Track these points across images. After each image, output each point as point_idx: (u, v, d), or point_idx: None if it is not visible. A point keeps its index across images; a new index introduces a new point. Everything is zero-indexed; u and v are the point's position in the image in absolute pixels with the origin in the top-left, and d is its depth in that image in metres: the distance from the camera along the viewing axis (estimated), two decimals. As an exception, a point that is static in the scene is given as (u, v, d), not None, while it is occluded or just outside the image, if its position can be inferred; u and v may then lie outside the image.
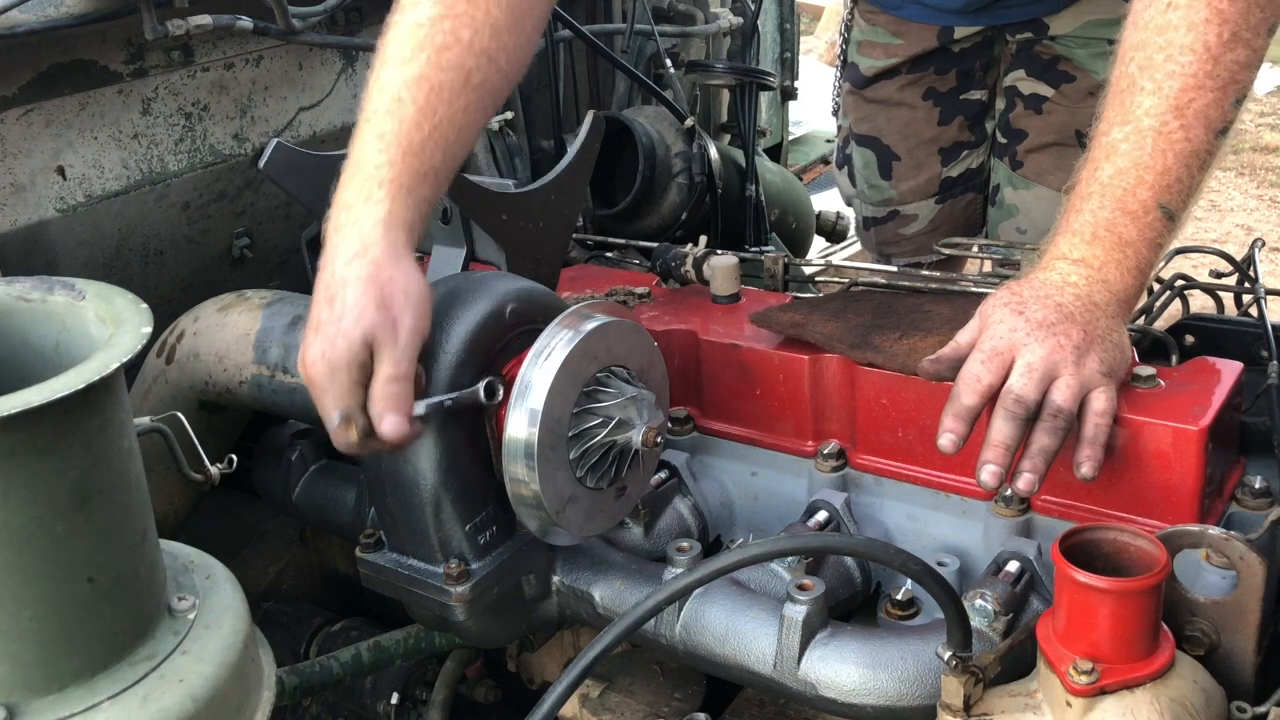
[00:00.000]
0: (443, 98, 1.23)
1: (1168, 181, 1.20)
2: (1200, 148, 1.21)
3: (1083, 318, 1.19)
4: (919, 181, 2.26)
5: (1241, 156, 6.24)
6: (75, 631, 0.93)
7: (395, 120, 1.21)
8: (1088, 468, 1.16)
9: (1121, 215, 1.21)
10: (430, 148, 1.21)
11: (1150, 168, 1.20)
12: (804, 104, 3.60)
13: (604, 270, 1.88)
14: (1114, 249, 1.21)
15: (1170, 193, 1.21)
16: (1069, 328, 1.18)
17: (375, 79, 1.25)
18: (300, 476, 1.61)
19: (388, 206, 1.18)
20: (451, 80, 1.24)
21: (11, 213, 1.58)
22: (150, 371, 1.56)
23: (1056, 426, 1.17)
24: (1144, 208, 1.21)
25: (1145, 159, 1.21)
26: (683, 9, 2.60)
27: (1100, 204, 1.22)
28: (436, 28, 1.25)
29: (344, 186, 1.21)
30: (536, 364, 1.19)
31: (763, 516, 1.51)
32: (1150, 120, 1.20)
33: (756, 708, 1.38)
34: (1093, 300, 1.21)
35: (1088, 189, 1.23)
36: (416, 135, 1.21)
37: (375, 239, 1.16)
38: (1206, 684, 1.06)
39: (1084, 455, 1.17)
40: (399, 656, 1.48)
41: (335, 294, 1.15)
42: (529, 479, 1.19)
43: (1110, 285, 1.22)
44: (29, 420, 0.84)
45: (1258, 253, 1.65)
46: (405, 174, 1.19)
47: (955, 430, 1.18)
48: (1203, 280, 1.63)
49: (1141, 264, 1.22)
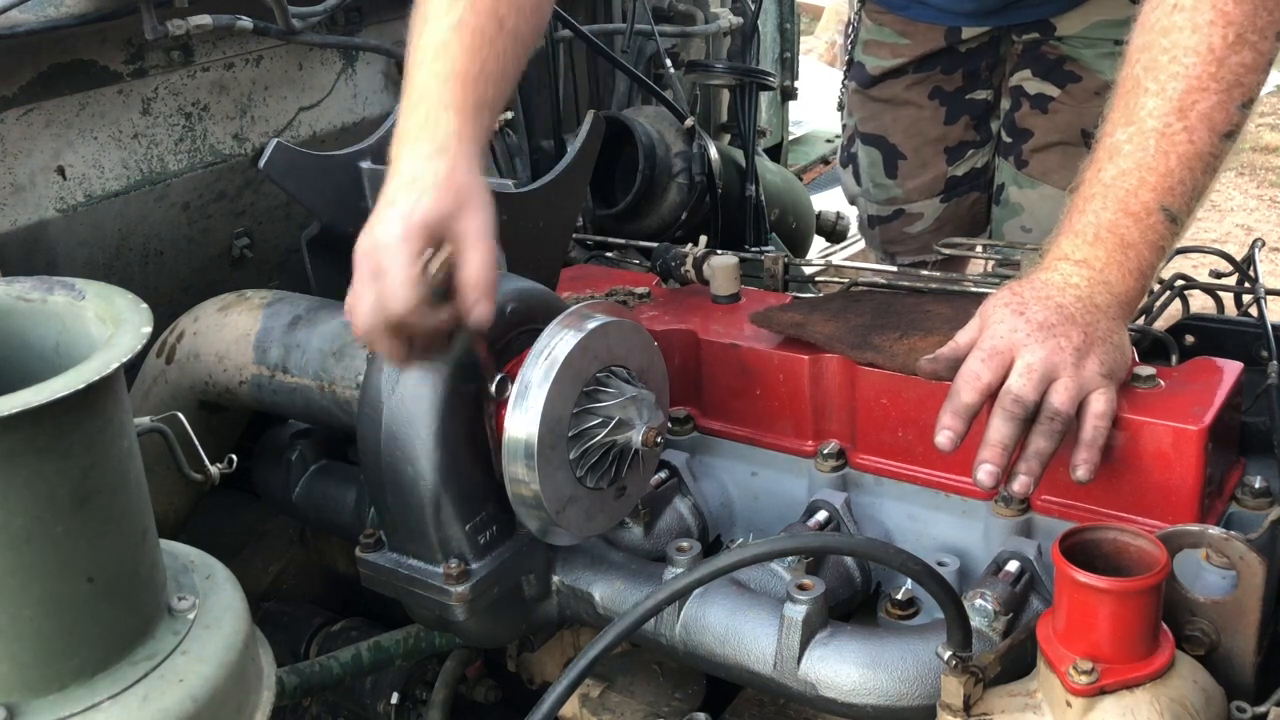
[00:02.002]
0: (485, 38, 1.28)
1: (1170, 184, 1.20)
2: (1204, 150, 1.21)
3: (1083, 319, 1.19)
4: (924, 180, 2.27)
5: (1241, 156, 6.24)
6: (75, 631, 0.93)
7: (448, 58, 1.26)
8: (1084, 470, 1.17)
9: (1124, 217, 1.21)
10: (483, 81, 1.27)
11: (1153, 169, 1.20)
12: (804, 104, 3.60)
13: (604, 270, 1.88)
14: (1116, 250, 1.21)
15: (1173, 195, 1.21)
16: (1069, 329, 1.18)
17: (420, 32, 1.30)
18: (300, 476, 1.61)
19: (458, 123, 1.22)
20: (488, 25, 1.29)
21: (11, 213, 1.58)
22: (150, 371, 1.56)
23: (1053, 430, 1.17)
24: (1146, 209, 1.21)
25: (1148, 160, 1.20)
26: (683, 9, 2.60)
27: (1103, 205, 1.22)
28: None
29: (406, 116, 1.25)
30: (536, 364, 1.19)
31: (763, 516, 1.51)
32: (1154, 122, 1.20)
33: (756, 708, 1.37)
34: (1094, 302, 1.21)
35: (1090, 190, 1.23)
36: (471, 69, 1.26)
37: (450, 145, 1.20)
38: (1206, 684, 1.06)
39: (1081, 458, 1.17)
40: (399, 656, 1.48)
41: (416, 177, 1.18)
42: (529, 479, 1.19)
43: (1112, 287, 1.22)
44: (29, 420, 0.84)
45: (1258, 253, 1.65)
46: (469, 101, 1.25)
47: (953, 428, 1.18)
48: (1203, 280, 1.63)
49: (1143, 266, 1.22)
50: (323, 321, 1.47)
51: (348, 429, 1.40)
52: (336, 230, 1.53)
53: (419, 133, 1.22)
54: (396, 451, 1.24)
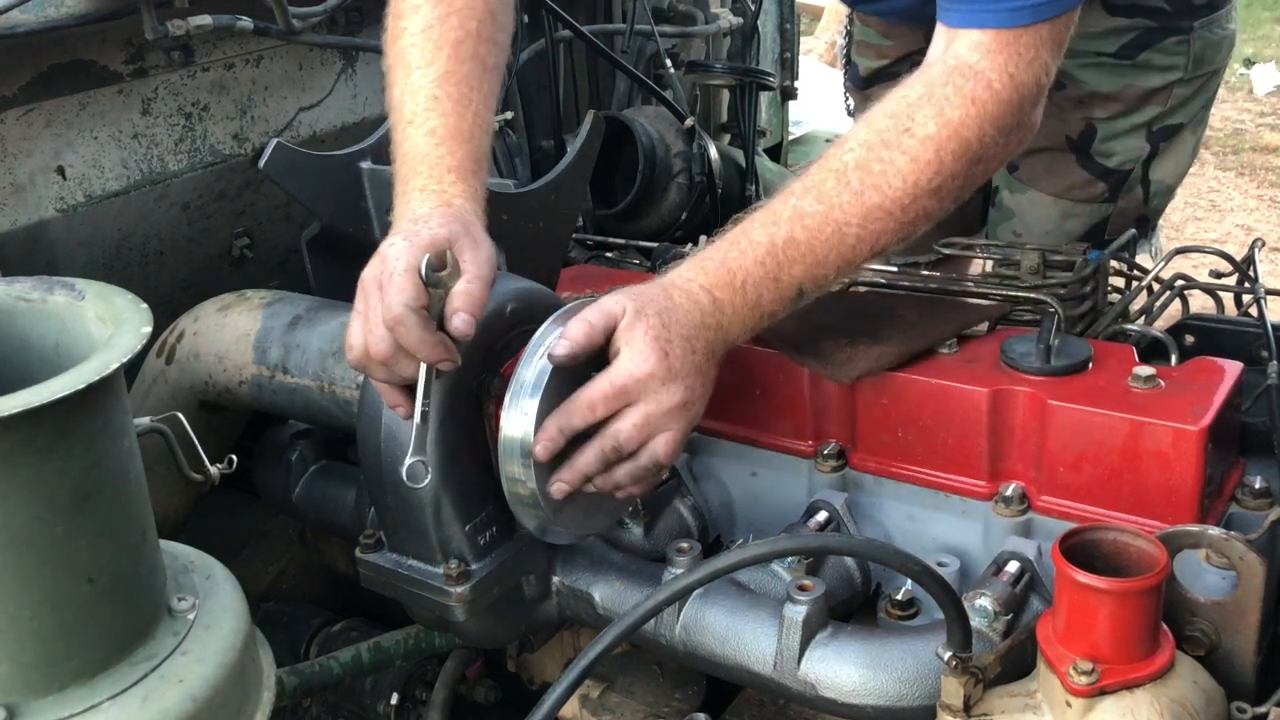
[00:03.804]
0: (472, 85, 1.31)
1: (823, 273, 1.26)
2: (858, 260, 1.27)
3: (706, 369, 1.21)
4: None
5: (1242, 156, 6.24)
6: (75, 632, 0.93)
7: (439, 115, 1.28)
8: (557, 487, 1.18)
9: (771, 281, 1.24)
10: (477, 134, 1.29)
11: (816, 255, 1.25)
12: (804, 104, 3.60)
13: (604, 270, 1.88)
14: (751, 308, 1.24)
15: (815, 283, 1.26)
16: (694, 381, 1.19)
17: (404, 85, 1.31)
18: (300, 476, 1.61)
19: (461, 185, 1.25)
20: (474, 70, 1.32)
21: (11, 213, 1.58)
22: (150, 371, 1.56)
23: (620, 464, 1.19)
24: (791, 283, 1.25)
25: (819, 245, 1.25)
26: (683, 9, 2.60)
27: (762, 260, 1.24)
28: (446, 25, 1.33)
29: (407, 179, 1.26)
30: (531, 363, 1.19)
31: (763, 517, 1.51)
32: (839, 215, 1.25)
33: (756, 708, 1.37)
34: (714, 350, 1.23)
35: (759, 236, 1.25)
36: (463, 125, 1.28)
37: (461, 205, 1.23)
38: (1206, 684, 1.06)
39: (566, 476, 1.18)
40: (399, 657, 1.48)
41: (420, 216, 1.20)
42: (525, 478, 1.19)
43: (726, 338, 1.24)
44: (29, 420, 0.84)
45: (1258, 253, 1.65)
46: (467, 160, 1.27)
47: (555, 442, 1.16)
48: (1203, 280, 1.63)
49: (751, 330, 1.26)
50: (323, 321, 1.47)
51: (348, 429, 1.40)
52: (336, 230, 1.53)
53: (423, 196, 1.23)
54: (396, 452, 1.24)
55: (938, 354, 1.41)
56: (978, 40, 1.30)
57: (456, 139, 1.27)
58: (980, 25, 1.30)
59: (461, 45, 1.32)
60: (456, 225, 1.18)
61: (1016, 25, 1.30)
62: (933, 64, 1.34)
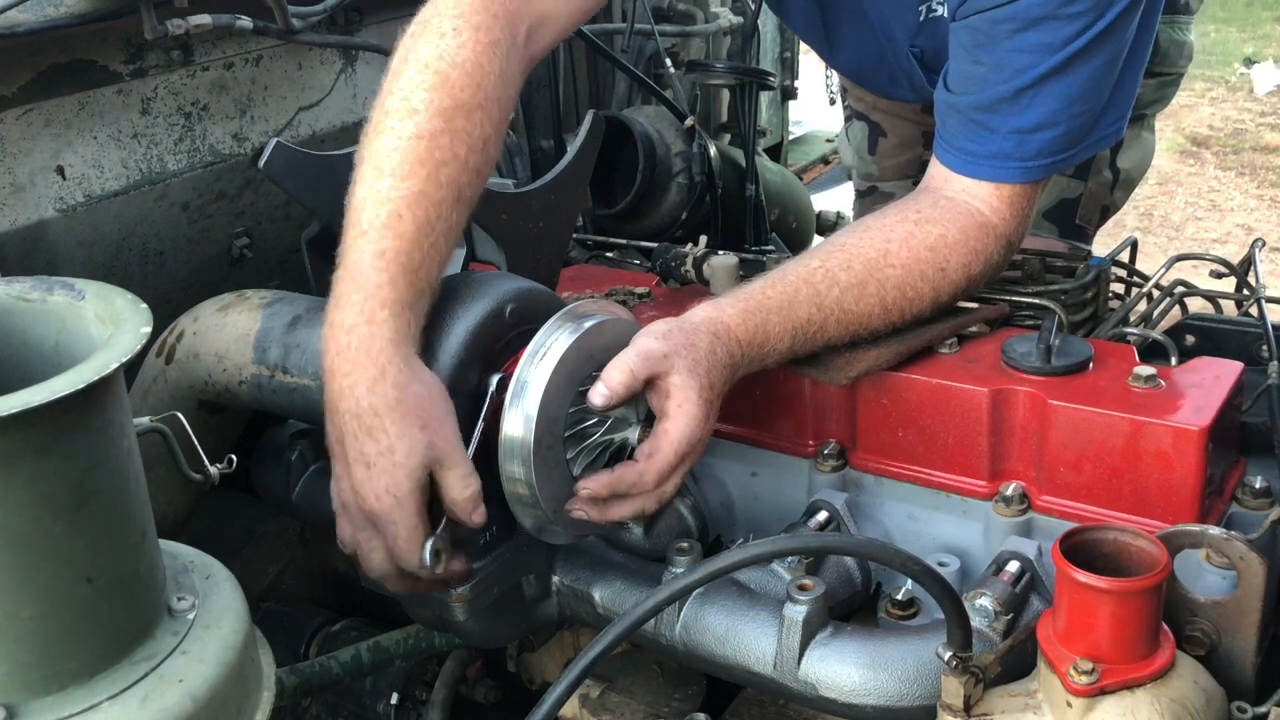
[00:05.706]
0: (440, 213, 1.24)
1: (820, 342, 1.38)
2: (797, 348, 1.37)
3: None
4: (900, 161, 2.34)
5: (1242, 156, 6.25)
6: (75, 632, 0.93)
7: (394, 237, 1.21)
8: (577, 513, 1.23)
9: (786, 349, 1.35)
10: (427, 265, 1.22)
11: (827, 338, 1.38)
12: (804, 104, 3.60)
13: (604, 270, 1.88)
14: (759, 360, 1.34)
15: (804, 346, 1.38)
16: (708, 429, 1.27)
17: (370, 187, 1.24)
18: (300, 476, 1.61)
19: (394, 325, 1.18)
20: (448, 197, 1.24)
21: (11, 213, 1.58)
22: (150, 371, 1.56)
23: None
24: (795, 350, 1.37)
25: (832, 335, 1.38)
26: (683, 9, 2.60)
27: (792, 332, 1.35)
28: (436, 143, 1.25)
29: (341, 304, 1.21)
30: (532, 363, 1.19)
31: (763, 517, 1.51)
32: (865, 320, 1.39)
33: (756, 708, 1.37)
34: (727, 388, 1.31)
35: (801, 313, 1.35)
36: (416, 253, 1.21)
37: (389, 358, 1.17)
38: (1207, 684, 1.06)
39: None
40: (399, 656, 1.48)
41: (373, 425, 1.16)
42: (525, 477, 1.19)
43: (735, 378, 1.32)
44: (29, 420, 0.84)
45: (1258, 253, 1.65)
46: (407, 292, 1.20)
47: (599, 496, 1.23)
48: (1202, 285, 1.63)
49: (737, 373, 1.32)
50: (322, 322, 1.47)
51: (347, 429, 1.39)
52: (336, 230, 1.53)
53: (353, 341, 1.18)
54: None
55: (938, 354, 1.41)
56: (993, 191, 1.45)
57: (403, 267, 1.20)
58: (1005, 180, 1.45)
59: (444, 169, 1.24)
60: (414, 424, 1.16)
61: (1031, 181, 1.46)
62: (956, 202, 1.46)
